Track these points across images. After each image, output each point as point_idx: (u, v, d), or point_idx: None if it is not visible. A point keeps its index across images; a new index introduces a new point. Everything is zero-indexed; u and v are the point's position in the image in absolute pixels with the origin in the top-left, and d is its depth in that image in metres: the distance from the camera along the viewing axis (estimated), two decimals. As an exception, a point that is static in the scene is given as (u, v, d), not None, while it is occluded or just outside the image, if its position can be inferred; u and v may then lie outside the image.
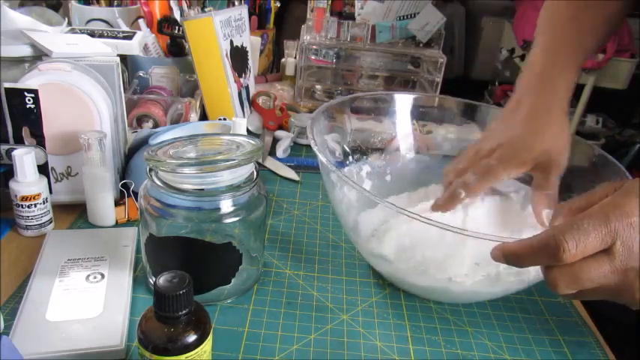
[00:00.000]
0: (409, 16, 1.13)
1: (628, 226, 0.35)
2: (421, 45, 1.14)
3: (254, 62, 1.12)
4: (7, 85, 0.59)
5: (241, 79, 0.96)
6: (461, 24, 2.46)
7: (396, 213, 0.48)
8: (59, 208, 0.67)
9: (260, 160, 0.85)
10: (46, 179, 0.62)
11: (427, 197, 0.64)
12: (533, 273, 0.52)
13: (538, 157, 0.57)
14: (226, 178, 0.50)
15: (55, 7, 1.00)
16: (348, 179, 0.52)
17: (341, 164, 0.71)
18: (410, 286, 0.59)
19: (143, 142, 0.72)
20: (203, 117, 0.91)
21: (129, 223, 0.66)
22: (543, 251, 0.37)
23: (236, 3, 1.17)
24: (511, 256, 0.40)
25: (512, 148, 0.57)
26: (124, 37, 0.85)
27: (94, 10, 1.04)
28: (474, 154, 0.61)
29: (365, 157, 0.73)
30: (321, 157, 0.54)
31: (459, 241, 0.51)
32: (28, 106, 0.60)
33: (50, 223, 0.63)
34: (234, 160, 0.49)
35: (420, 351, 0.52)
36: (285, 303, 0.56)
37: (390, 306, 0.58)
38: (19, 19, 0.71)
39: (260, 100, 1.02)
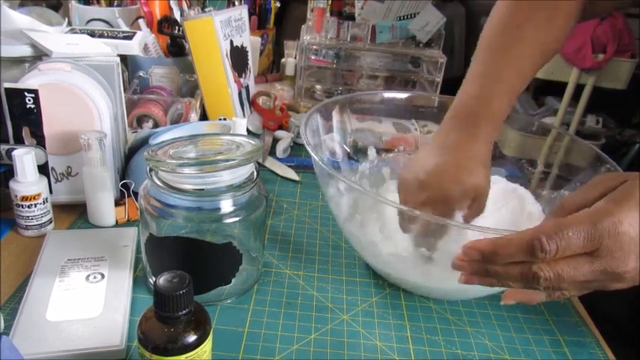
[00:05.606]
0: (409, 16, 1.13)
1: (614, 234, 0.36)
2: (421, 45, 1.14)
3: (254, 62, 1.12)
4: (7, 85, 0.59)
5: (241, 79, 0.96)
6: (461, 24, 2.46)
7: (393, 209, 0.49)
8: (59, 208, 0.67)
9: (260, 160, 0.85)
10: (46, 179, 0.62)
11: None
12: None
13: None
14: (226, 178, 0.50)
15: (55, 7, 1.01)
16: (343, 177, 0.52)
17: (337, 163, 0.71)
18: (405, 282, 0.59)
19: (143, 142, 0.72)
20: (203, 117, 0.91)
21: (129, 223, 0.66)
22: (524, 250, 0.37)
23: (236, 3, 1.17)
24: (489, 252, 0.39)
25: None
26: (124, 37, 0.85)
27: (94, 10, 1.04)
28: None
29: (366, 157, 0.74)
30: (314, 156, 0.54)
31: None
32: (28, 106, 0.60)
33: (50, 223, 0.63)
34: (234, 160, 0.49)
35: (420, 351, 0.52)
36: (285, 303, 0.56)
37: (390, 306, 0.58)
38: (19, 19, 0.71)
39: (260, 100, 1.02)
